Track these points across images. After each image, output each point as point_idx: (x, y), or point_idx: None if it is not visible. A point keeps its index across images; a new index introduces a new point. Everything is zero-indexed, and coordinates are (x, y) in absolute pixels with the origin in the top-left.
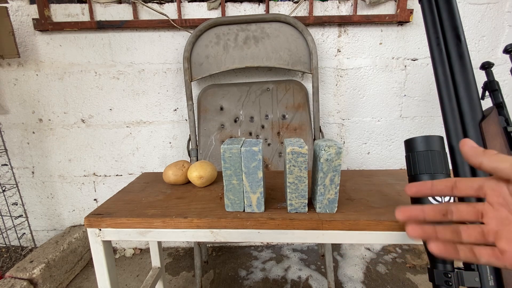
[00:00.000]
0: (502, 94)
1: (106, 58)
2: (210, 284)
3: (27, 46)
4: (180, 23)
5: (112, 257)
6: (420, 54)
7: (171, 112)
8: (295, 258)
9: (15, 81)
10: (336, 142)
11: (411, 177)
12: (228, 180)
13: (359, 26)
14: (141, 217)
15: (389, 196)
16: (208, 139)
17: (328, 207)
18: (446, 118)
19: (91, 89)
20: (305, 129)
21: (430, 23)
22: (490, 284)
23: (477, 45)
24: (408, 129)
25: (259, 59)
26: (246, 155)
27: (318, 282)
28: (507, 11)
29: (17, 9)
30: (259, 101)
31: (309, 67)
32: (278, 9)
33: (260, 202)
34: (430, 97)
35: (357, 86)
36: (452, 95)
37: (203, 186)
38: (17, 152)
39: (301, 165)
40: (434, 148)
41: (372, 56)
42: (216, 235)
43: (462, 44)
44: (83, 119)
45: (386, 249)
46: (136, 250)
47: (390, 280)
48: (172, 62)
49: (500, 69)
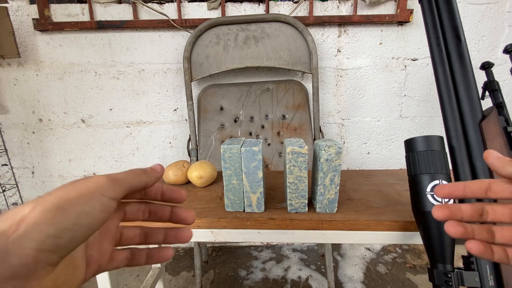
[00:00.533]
0: (502, 94)
1: (106, 58)
2: (210, 284)
3: (27, 46)
4: (180, 23)
5: None
6: (420, 54)
7: (171, 112)
8: (295, 258)
9: (15, 81)
10: (336, 142)
11: (411, 177)
12: (228, 180)
13: (359, 26)
14: None
15: (389, 196)
16: (208, 139)
17: (328, 207)
18: (446, 118)
19: (91, 89)
20: (305, 129)
21: (430, 23)
22: (490, 284)
23: (477, 45)
24: (408, 129)
25: (259, 59)
26: (246, 155)
27: (318, 282)
28: (507, 11)
29: (17, 9)
30: (259, 101)
31: (309, 67)
32: (278, 9)
33: (260, 202)
34: (430, 97)
35: (357, 86)
36: (452, 95)
37: (203, 186)
38: (17, 152)
39: (301, 165)
40: (434, 148)
41: (372, 56)
42: (216, 235)
43: (462, 44)
44: (83, 119)
45: (386, 249)
46: None
47: (390, 280)
48: (172, 62)
49: (500, 69)
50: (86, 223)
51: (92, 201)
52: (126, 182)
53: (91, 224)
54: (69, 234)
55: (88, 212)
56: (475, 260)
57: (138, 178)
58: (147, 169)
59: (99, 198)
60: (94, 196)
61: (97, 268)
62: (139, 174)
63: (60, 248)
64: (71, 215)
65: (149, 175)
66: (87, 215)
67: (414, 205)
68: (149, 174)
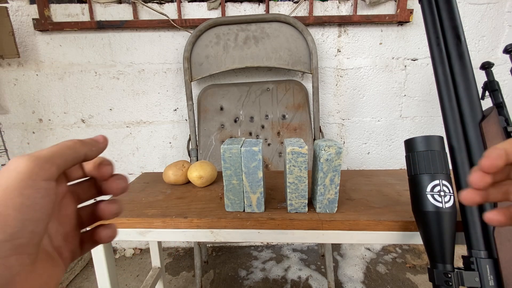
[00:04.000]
0: (502, 94)
1: (106, 58)
2: (210, 284)
3: (27, 46)
4: (180, 23)
5: (112, 257)
6: (420, 54)
7: (171, 112)
8: (295, 258)
9: (15, 81)
10: (336, 142)
11: (411, 177)
12: (228, 180)
13: (359, 26)
14: (141, 217)
15: (389, 196)
16: (208, 139)
17: (328, 207)
18: (446, 118)
19: (91, 89)
20: (305, 129)
21: (430, 23)
22: (490, 284)
23: (477, 45)
24: (408, 129)
25: (259, 59)
26: (246, 155)
27: (318, 282)
28: (507, 11)
29: (17, 9)
30: (259, 101)
31: (309, 67)
32: (278, 9)
33: (260, 202)
34: (430, 97)
35: (357, 86)
36: (452, 95)
37: (203, 186)
38: (17, 152)
39: (301, 165)
40: (434, 148)
41: (372, 56)
42: (216, 235)
43: (462, 44)
44: (83, 119)
45: (386, 249)
46: (136, 250)
47: (390, 280)
48: (172, 62)
49: (500, 69)
50: (34, 215)
51: (25, 190)
52: (58, 157)
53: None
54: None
55: (29, 204)
56: (475, 260)
57: (73, 150)
58: (86, 140)
59: (31, 184)
60: (25, 184)
61: (72, 255)
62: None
63: (25, 246)
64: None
65: (88, 145)
66: (29, 207)
67: (414, 205)
68: (88, 144)
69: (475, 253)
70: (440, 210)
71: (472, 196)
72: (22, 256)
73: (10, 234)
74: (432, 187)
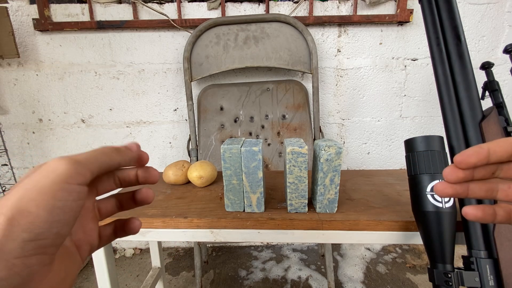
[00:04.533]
0: (502, 94)
1: (106, 58)
2: (210, 284)
3: (27, 46)
4: (180, 23)
5: (112, 257)
6: (420, 54)
7: (171, 112)
8: (295, 258)
9: (15, 81)
10: (336, 142)
11: (411, 177)
12: (228, 180)
13: (359, 26)
14: (141, 217)
15: (389, 196)
16: (208, 139)
17: (328, 207)
18: (446, 118)
19: (91, 89)
20: (305, 129)
21: (430, 23)
22: (490, 284)
23: (477, 45)
24: (408, 129)
25: (259, 59)
26: (246, 155)
27: (318, 282)
28: (507, 11)
29: (17, 9)
30: (259, 101)
31: (309, 67)
32: (278, 9)
33: (260, 202)
34: (430, 97)
35: (357, 86)
36: (452, 95)
37: (203, 186)
38: (17, 152)
39: (301, 165)
40: (434, 148)
41: (372, 56)
42: (216, 235)
43: (462, 44)
44: (83, 119)
45: (386, 249)
46: (136, 250)
47: (390, 280)
48: (172, 62)
49: (500, 69)
50: (62, 217)
51: (59, 193)
52: (94, 163)
53: (67, 216)
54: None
55: (60, 206)
56: (475, 260)
57: (109, 157)
58: (121, 147)
59: (65, 187)
60: (60, 187)
61: (90, 248)
62: (110, 153)
63: (48, 247)
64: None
65: (123, 154)
66: (59, 209)
67: (414, 205)
68: (122, 152)
69: (475, 253)
70: (440, 210)
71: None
72: (43, 256)
73: (36, 234)
74: (432, 187)
